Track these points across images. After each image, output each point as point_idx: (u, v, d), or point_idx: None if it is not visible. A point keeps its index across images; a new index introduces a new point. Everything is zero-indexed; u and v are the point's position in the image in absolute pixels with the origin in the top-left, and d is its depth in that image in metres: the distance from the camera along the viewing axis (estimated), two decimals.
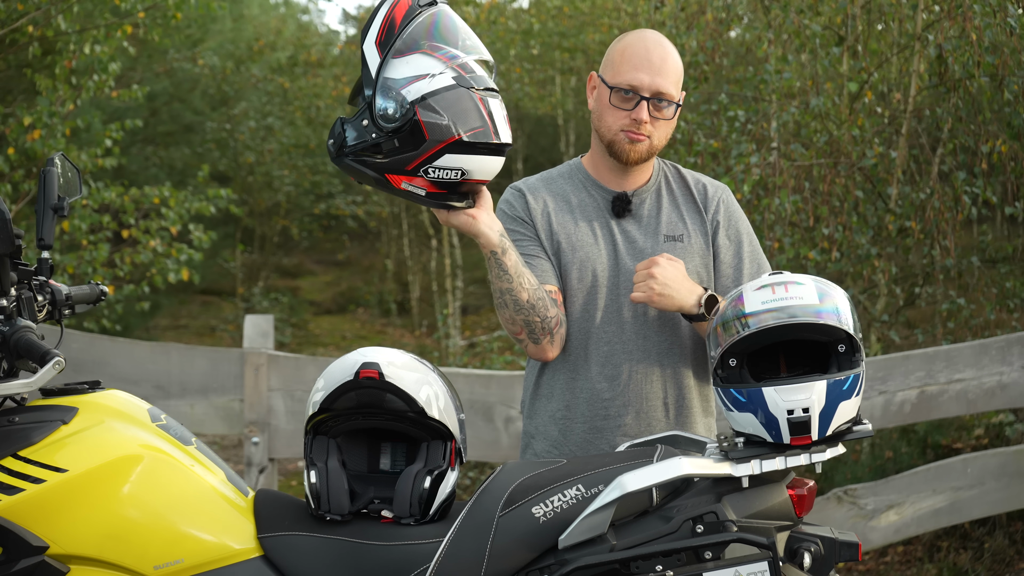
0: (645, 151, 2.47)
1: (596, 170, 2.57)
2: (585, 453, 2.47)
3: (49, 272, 2.17)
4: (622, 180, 2.54)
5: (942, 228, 5.43)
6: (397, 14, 2.20)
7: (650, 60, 2.44)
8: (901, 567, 4.70)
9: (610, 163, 2.53)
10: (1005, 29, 5.12)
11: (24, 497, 1.91)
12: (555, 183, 2.58)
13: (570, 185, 2.57)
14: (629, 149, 2.45)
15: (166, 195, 6.82)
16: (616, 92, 2.44)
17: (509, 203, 2.57)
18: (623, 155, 2.47)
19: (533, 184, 2.59)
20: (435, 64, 2.18)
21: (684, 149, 5.83)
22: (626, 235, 2.51)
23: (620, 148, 2.46)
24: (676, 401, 2.49)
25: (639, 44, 2.47)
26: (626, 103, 2.43)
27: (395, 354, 2.17)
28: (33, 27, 5.98)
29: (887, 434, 5.37)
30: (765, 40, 6.06)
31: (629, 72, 2.43)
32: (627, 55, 2.46)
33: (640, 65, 2.43)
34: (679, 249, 2.49)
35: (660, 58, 2.44)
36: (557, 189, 2.57)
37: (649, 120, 2.43)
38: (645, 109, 2.42)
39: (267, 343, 3.79)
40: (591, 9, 11.32)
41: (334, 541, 2.07)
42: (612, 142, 2.47)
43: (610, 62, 2.49)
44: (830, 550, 2.10)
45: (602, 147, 2.52)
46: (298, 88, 14.16)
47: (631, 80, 2.42)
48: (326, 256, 16.90)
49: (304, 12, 20.69)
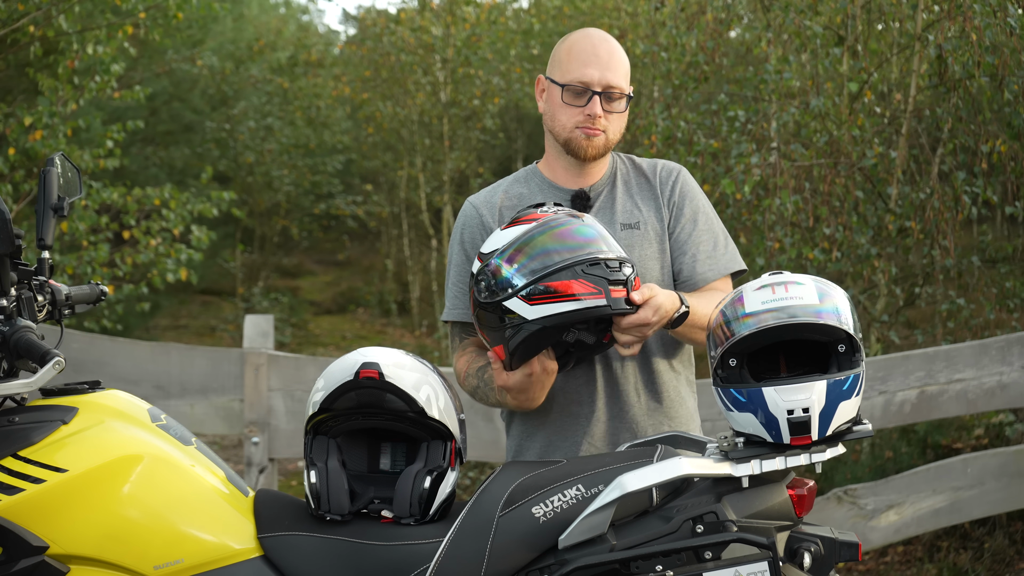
0: (602, 145, 2.48)
1: (552, 172, 2.58)
2: (559, 440, 2.48)
3: (49, 272, 2.17)
4: (580, 178, 2.55)
5: (942, 228, 5.43)
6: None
7: (597, 55, 2.46)
8: (901, 567, 4.70)
9: (567, 162, 2.54)
10: (1005, 29, 5.12)
11: (24, 497, 1.91)
12: (511, 189, 2.59)
13: (526, 189, 2.58)
14: (586, 145, 2.47)
15: (167, 196, 6.82)
16: (568, 90, 2.45)
17: (463, 222, 2.58)
18: (580, 151, 2.48)
19: (487, 196, 2.60)
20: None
21: (684, 149, 5.83)
22: None
23: (577, 144, 2.47)
24: (646, 386, 2.50)
25: (585, 41, 2.49)
26: (578, 99, 2.45)
27: (395, 354, 2.17)
28: (34, 27, 5.98)
29: (887, 434, 5.37)
30: (765, 40, 6.06)
31: (578, 69, 2.45)
32: (574, 53, 2.48)
33: (588, 61, 2.45)
34: (636, 236, 2.51)
35: (607, 52, 2.47)
36: (514, 194, 2.57)
37: (603, 114, 2.45)
38: (598, 103, 2.44)
39: (267, 343, 3.79)
40: (591, 9, 11.33)
41: (334, 541, 2.07)
42: (568, 140, 2.48)
43: (557, 62, 2.50)
44: (830, 550, 2.10)
45: (558, 147, 2.53)
46: (298, 88, 14.16)
47: (581, 76, 2.44)
48: (326, 256, 16.90)
49: (304, 12, 20.71)
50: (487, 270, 2.24)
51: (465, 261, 2.55)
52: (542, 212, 2.28)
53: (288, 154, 13.93)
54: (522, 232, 2.23)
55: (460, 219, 2.61)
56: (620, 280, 2.16)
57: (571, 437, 2.48)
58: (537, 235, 2.21)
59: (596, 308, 2.15)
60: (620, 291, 2.16)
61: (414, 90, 11.73)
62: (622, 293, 2.16)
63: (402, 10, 12.20)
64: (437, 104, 11.73)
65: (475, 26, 11.57)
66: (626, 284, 2.17)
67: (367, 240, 16.64)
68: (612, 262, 2.17)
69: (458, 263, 2.57)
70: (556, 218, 2.25)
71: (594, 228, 2.25)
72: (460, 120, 12.05)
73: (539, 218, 2.25)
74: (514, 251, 2.21)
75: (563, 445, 2.48)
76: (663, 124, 6.07)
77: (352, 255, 16.60)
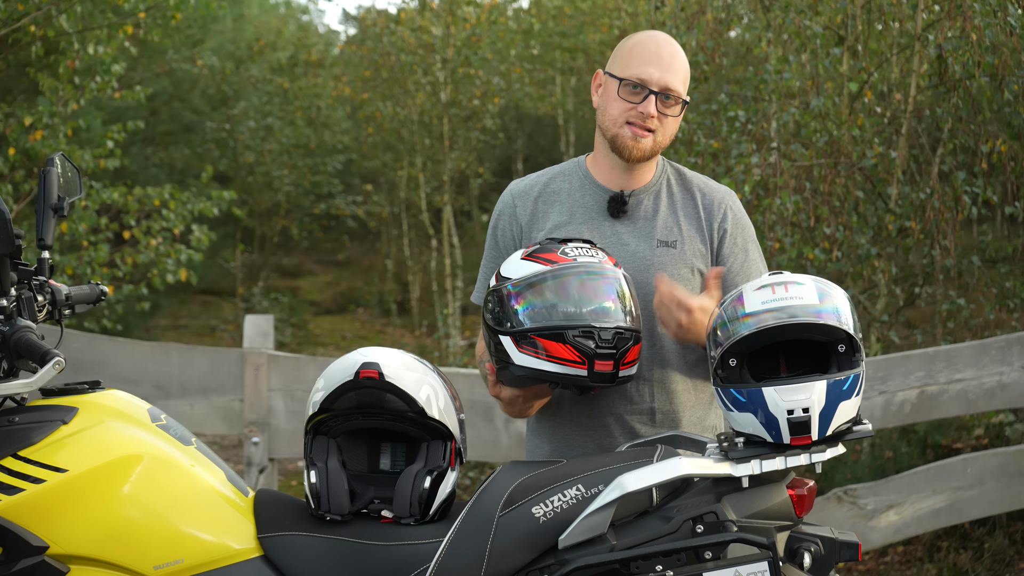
0: (649, 148, 2.44)
1: (597, 169, 2.55)
2: (572, 450, 2.47)
3: (49, 272, 2.17)
4: (624, 179, 2.51)
5: (942, 228, 5.43)
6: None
7: (660, 56, 2.43)
8: (901, 567, 4.70)
9: (612, 160, 2.50)
10: (1005, 29, 5.12)
11: (24, 497, 1.91)
12: (554, 181, 2.57)
13: (567, 184, 2.55)
14: (632, 145, 2.43)
15: (167, 197, 6.82)
16: (625, 84, 2.42)
17: (499, 208, 2.59)
18: (626, 151, 2.44)
19: (528, 186, 2.58)
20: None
21: (684, 149, 5.83)
22: (619, 238, 2.48)
23: (623, 143, 2.44)
24: (664, 408, 2.46)
25: (650, 41, 2.47)
26: (634, 96, 2.42)
27: (395, 354, 2.17)
28: (35, 27, 5.98)
29: (887, 434, 5.37)
30: (765, 40, 6.06)
31: (639, 66, 2.42)
32: (637, 50, 2.45)
33: (650, 60, 2.43)
34: (670, 255, 2.47)
35: (670, 55, 2.45)
36: (555, 188, 2.55)
37: (656, 115, 2.41)
38: (653, 103, 2.41)
39: (267, 343, 3.78)
40: (591, 9, 11.34)
41: (334, 541, 2.07)
42: (616, 136, 2.44)
43: (619, 58, 2.48)
44: (830, 550, 2.10)
45: (605, 144, 2.50)
46: (298, 88, 14.16)
47: (640, 74, 2.41)
48: (326, 256, 16.91)
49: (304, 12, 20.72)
50: (497, 295, 2.24)
51: (495, 246, 2.56)
52: (564, 254, 2.23)
53: (288, 154, 13.94)
54: (536, 272, 2.21)
55: (498, 206, 2.60)
56: (609, 354, 2.15)
57: (580, 449, 2.47)
58: (549, 280, 2.19)
59: (575, 377, 2.17)
60: (606, 364, 2.15)
61: (414, 90, 11.73)
62: (607, 367, 2.15)
63: (402, 10, 12.21)
64: (437, 104, 11.73)
65: (475, 26, 11.57)
66: (615, 357, 2.15)
67: (367, 240, 16.65)
68: (607, 332, 2.15)
69: (488, 247, 2.59)
70: (574, 266, 2.21)
71: (614, 284, 2.22)
72: (460, 120, 12.05)
73: (558, 261, 2.22)
74: (524, 288, 2.21)
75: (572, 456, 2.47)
76: None
77: (352, 255, 16.61)
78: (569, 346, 2.15)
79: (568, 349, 2.16)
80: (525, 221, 2.53)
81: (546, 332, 2.16)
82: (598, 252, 2.27)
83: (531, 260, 2.24)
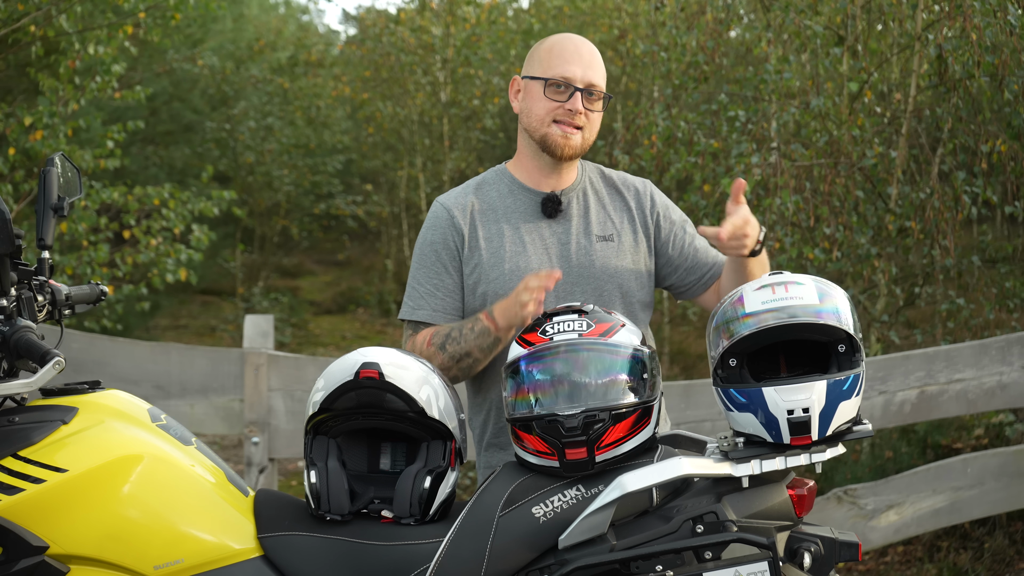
0: (578, 145, 2.48)
1: (523, 173, 2.57)
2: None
3: (49, 272, 2.17)
4: (551, 180, 2.54)
5: (942, 228, 5.43)
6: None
7: (580, 54, 2.47)
8: (901, 567, 4.70)
9: (541, 162, 2.53)
10: (1005, 29, 5.12)
11: (24, 497, 1.91)
12: (482, 190, 2.58)
13: (497, 191, 2.57)
14: (563, 143, 2.46)
15: (166, 196, 6.81)
16: (550, 84, 2.46)
17: (433, 223, 2.55)
18: (557, 149, 2.47)
19: (457, 197, 2.57)
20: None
21: (684, 149, 5.83)
22: (556, 237, 2.51)
23: (554, 141, 2.47)
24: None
25: (567, 42, 2.51)
26: (560, 95, 2.46)
27: (395, 354, 2.17)
28: (35, 27, 5.98)
29: (887, 434, 5.37)
30: (765, 40, 6.06)
31: (561, 65, 2.46)
32: (556, 51, 2.48)
33: (571, 59, 2.46)
34: (611, 249, 2.51)
35: (589, 53, 2.49)
36: (484, 196, 2.56)
37: (583, 111, 2.45)
38: (579, 100, 2.44)
39: (267, 343, 3.78)
40: (591, 9, 11.32)
41: (334, 541, 2.07)
42: (545, 135, 2.47)
43: (537, 60, 2.50)
44: (830, 550, 2.10)
45: (533, 147, 2.52)
46: (298, 88, 14.16)
47: (564, 72, 2.45)
48: (326, 256, 16.90)
49: (304, 12, 20.71)
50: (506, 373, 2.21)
51: (436, 262, 2.52)
52: (543, 333, 2.16)
53: (288, 154, 13.93)
54: (514, 358, 2.16)
55: (430, 219, 2.57)
56: (577, 441, 2.05)
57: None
58: (523, 364, 2.14)
59: (549, 468, 2.11)
60: (578, 452, 2.05)
61: (414, 90, 11.73)
62: (580, 454, 2.05)
63: (402, 10, 12.21)
64: (437, 104, 11.73)
65: (475, 26, 11.57)
66: (587, 443, 2.05)
67: (367, 240, 16.64)
68: (573, 420, 2.04)
69: (427, 264, 2.53)
70: (548, 347, 2.12)
71: (593, 358, 2.10)
72: (460, 120, 12.05)
73: (535, 342, 2.15)
74: (508, 374, 2.17)
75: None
76: (663, 124, 6.06)
77: (352, 255, 16.60)
78: (538, 437, 2.09)
79: (538, 441, 2.10)
80: (466, 231, 2.51)
81: (518, 423, 2.13)
82: (585, 320, 2.17)
83: (516, 342, 2.21)
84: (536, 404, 2.10)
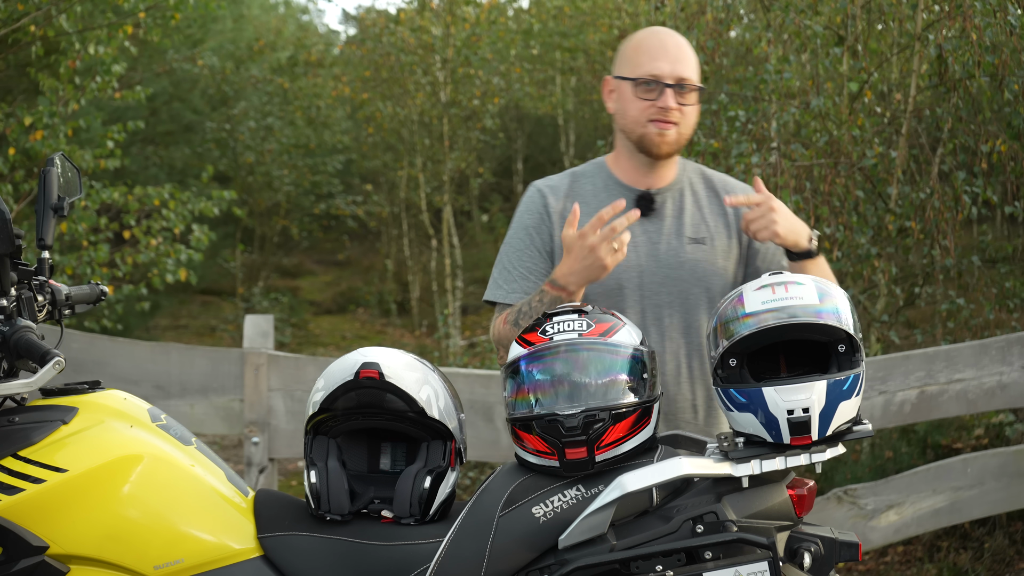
0: (674, 140, 2.45)
1: (621, 169, 2.54)
2: None
3: (49, 272, 2.17)
4: (648, 178, 2.51)
5: (942, 228, 5.42)
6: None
7: (666, 49, 2.44)
8: (901, 567, 4.70)
9: (638, 161, 2.50)
10: (1005, 29, 5.12)
11: (24, 497, 1.91)
12: (578, 182, 2.56)
13: (592, 185, 2.54)
14: (660, 140, 2.44)
15: (166, 196, 6.82)
16: (639, 84, 2.43)
17: (527, 206, 2.55)
18: (654, 147, 2.45)
19: (555, 184, 2.56)
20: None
21: (684, 149, 5.82)
22: (647, 235, 2.48)
23: (650, 140, 2.44)
24: (705, 402, 2.48)
25: (652, 37, 2.48)
26: (650, 93, 2.43)
27: (395, 354, 2.17)
28: (35, 27, 5.98)
29: (887, 434, 5.36)
30: (765, 40, 6.06)
31: (648, 63, 2.43)
32: (643, 48, 2.46)
33: (658, 55, 2.43)
34: (701, 252, 2.47)
35: (676, 46, 2.45)
36: (580, 189, 2.54)
37: (676, 107, 2.42)
38: (671, 96, 2.41)
39: (267, 343, 3.78)
40: (591, 9, 11.34)
41: (334, 541, 2.07)
42: (642, 136, 2.45)
43: (625, 60, 2.48)
44: (830, 550, 2.10)
45: (630, 146, 2.49)
46: (298, 88, 14.17)
47: (652, 70, 2.42)
48: (326, 256, 16.91)
49: (304, 12, 20.71)
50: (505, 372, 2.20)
51: (529, 245, 2.51)
52: (543, 333, 2.14)
53: (288, 154, 13.94)
54: (514, 358, 2.15)
55: (525, 203, 2.56)
56: (577, 441, 2.04)
57: None
58: (523, 364, 2.12)
59: (550, 468, 2.10)
60: (578, 452, 2.04)
61: (414, 90, 11.73)
62: (580, 454, 2.04)
63: (402, 10, 12.21)
64: (437, 104, 11.73)
65: (475, 26, 11.57)
66: (587, 443, 2.04)
67: (367, 240, 16.65)
68: (573, 419, 2.03)
69: (520, 247, 2.51)
70: (548, 347, 2.10)
71: (593, 358, 2.08)
72: (460, 120, 12.05)
73: (535, 342, 2.13)
74: (507, 375, 2.16)
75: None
76: None
77: (352, 255, 16.60)
78: (539, 437, 2.08)
79: (539, 441, 2.09)
80: (557, 219, 2.50)
81: (518, 423, 2.13)
82: (585, 320, 2.15)
83: (516, 342, 2.19)
84: (536, 404, 2.10)
